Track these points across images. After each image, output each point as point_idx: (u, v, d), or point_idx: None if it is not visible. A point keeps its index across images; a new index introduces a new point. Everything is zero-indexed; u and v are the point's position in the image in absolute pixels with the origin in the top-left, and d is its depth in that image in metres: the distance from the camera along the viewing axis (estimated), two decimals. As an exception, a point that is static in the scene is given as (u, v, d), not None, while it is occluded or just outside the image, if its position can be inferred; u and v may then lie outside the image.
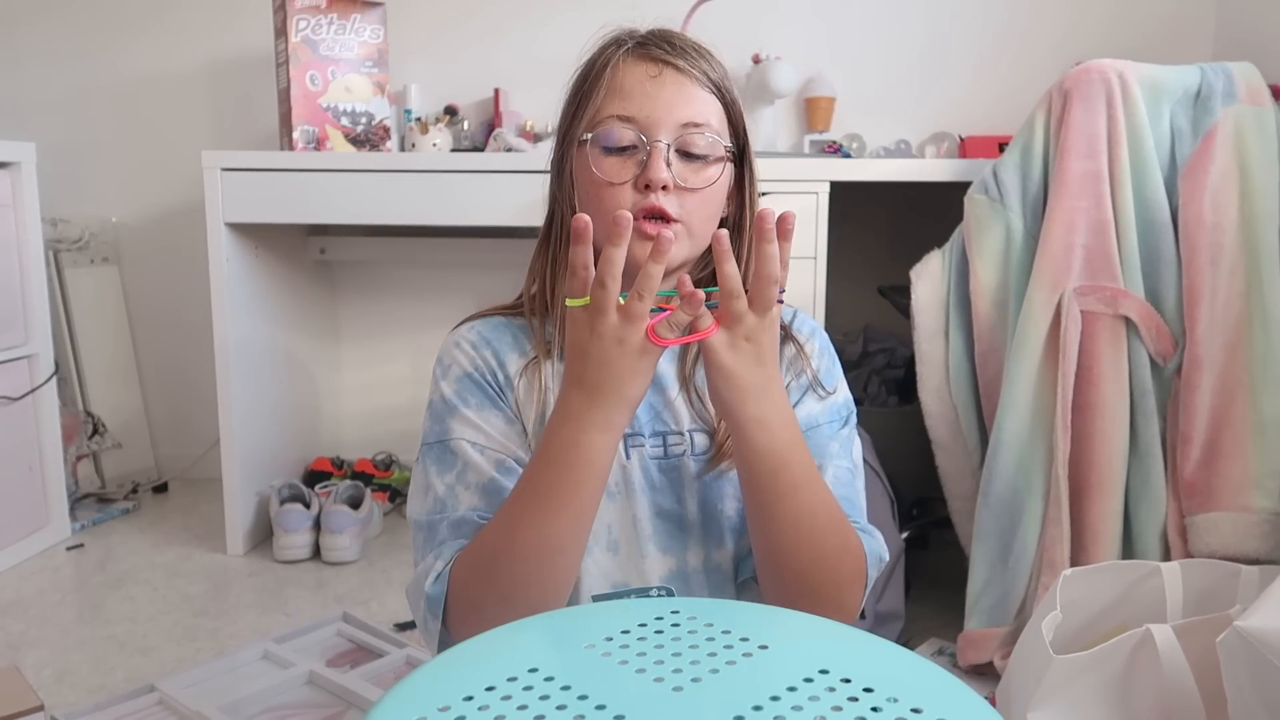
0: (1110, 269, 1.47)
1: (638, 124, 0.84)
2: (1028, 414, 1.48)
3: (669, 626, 0.63)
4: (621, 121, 0.84)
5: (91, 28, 2.49)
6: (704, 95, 0.86)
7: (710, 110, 0.86)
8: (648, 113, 0.84)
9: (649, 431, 0.88)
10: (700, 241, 0.88)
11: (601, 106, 0.85)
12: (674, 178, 0.84)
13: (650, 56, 0.86)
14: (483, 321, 0.93)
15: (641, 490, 0.87)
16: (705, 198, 0.86)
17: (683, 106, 0.85)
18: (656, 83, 0.85)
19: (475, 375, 0.89)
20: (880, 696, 0.53)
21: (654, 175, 0.83)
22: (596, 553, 0.86)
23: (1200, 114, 1.51)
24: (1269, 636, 0.88)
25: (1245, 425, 1.42)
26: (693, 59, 0.86)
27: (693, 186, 0.85)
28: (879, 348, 2.21)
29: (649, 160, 0.83)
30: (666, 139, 0.84)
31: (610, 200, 0.84)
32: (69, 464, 2.24)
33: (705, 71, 0.86)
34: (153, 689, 1.42)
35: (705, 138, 0.85)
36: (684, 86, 0.85)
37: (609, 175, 0.84)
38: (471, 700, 0.54)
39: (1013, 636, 1.46)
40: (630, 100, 0.84)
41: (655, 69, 0.85)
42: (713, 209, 0.88)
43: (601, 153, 0.85)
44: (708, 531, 0.88)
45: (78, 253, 2.44)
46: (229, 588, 1.89)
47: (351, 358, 2.54)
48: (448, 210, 1.94)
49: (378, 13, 2.10)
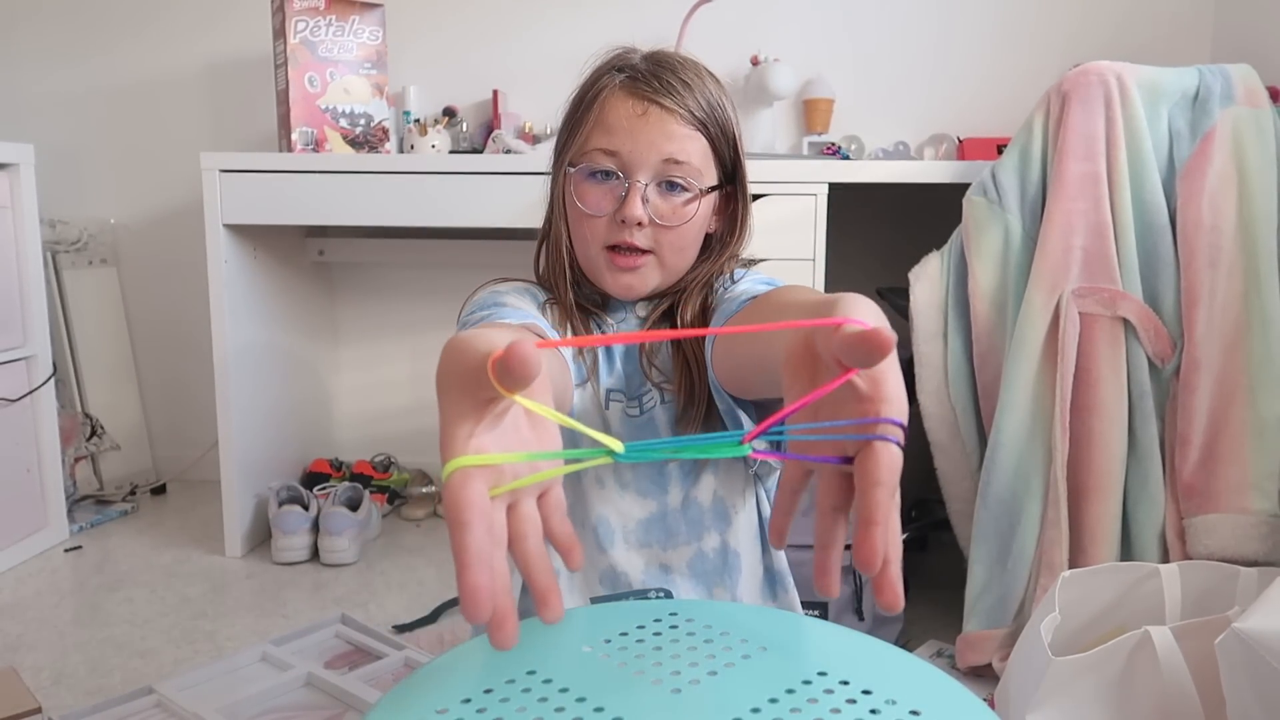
0: (1109, 271, 1.47)
1: (620, 159, 0.88)
2: (1026, 416, 1.48)
3: (667, 628, 0.63)
4: (605, 155, 0.89)
5: (90, 29, 2.49)
6: (687, 132, 0.89)
7: (692, 148, 0.89)
8: (629, 148, 0.88)
9: (630, 394, 0.94)
10: (672, 270, 0.93)
11: (588, 138, 0.90)
12: (649, 215, 0.89)
13: (637, 94, 0.89)
14: (505, 284, 0.98)
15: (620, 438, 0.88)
16: (679, 232, 0.90)
17: (664, 143, 0.88)
18: (641, 120, 0.88)
19: (513, 292, 0.93)
20: (879, 699, 0.53)
21: (629, 212, 0.88)
22: (585, 484, 0.91)
23: (1198, 116, 1.52)
24: (1267, 638, 0.88)
25: (1244, 427, 1.42)
26: (679, 96, 0.89)
27: (667, 224, 0.89)
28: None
29: (626, 197, 0.88)
30: (645, 177, 0.88)
31: (588, 229, 0.90)
32: (67, 466, 2.24)
33: (691, 109, 0.89)
34: (151, 691, 1.42)
35: (684, 178, 0.89)
36: (666, 124, 0.88)
37: (589, 207, 0.90)
38: (470, 703, 0.54)
39: (1011, 638, 1.46)
40: (614, 135, 0.88)
41: (641, 107, 0.88)
42: (687, 240, 0.92)
43: (585, 183, 0.90)
44: (685, 471, 0.92)
45: (76, 254, 2.44)
46: (227, 590, 1.89)
47: (350, 359, 2.54)
48: (446, 212, 1.94)
49: (376, 14, 2.10)
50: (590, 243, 0.91)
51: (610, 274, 0.91)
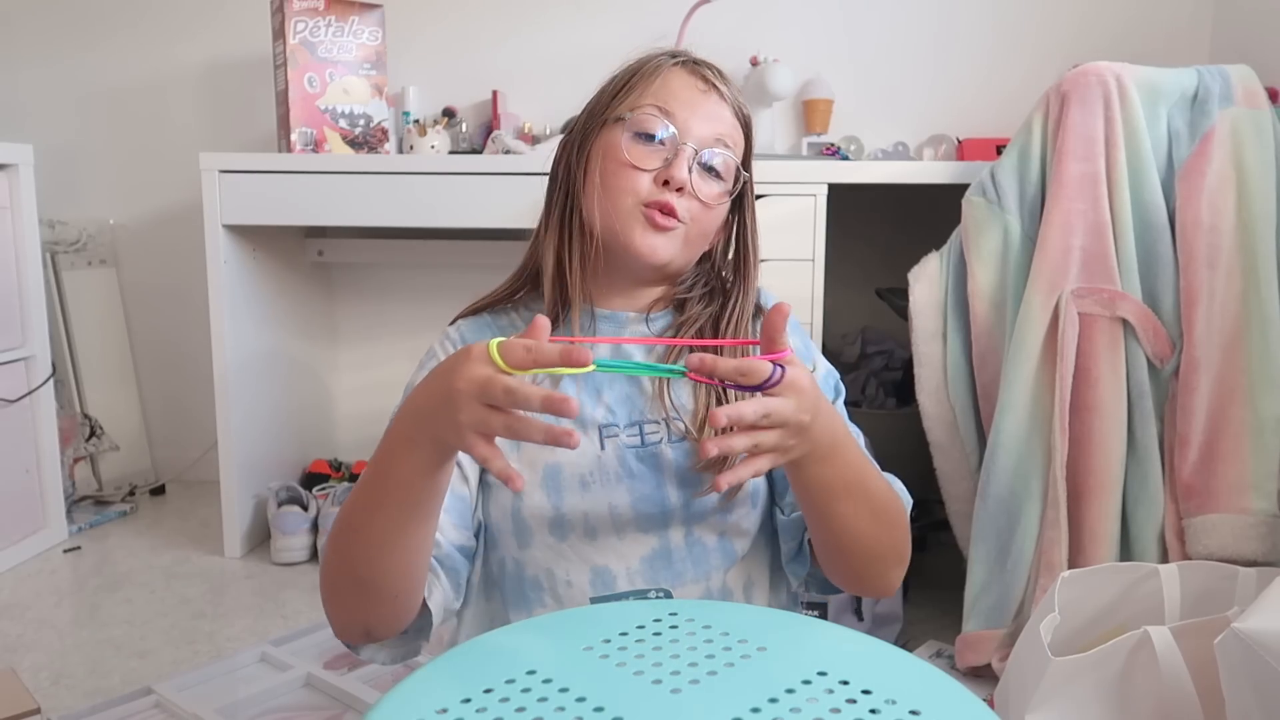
0: (1108, 271, 1.47)
1: (675, 120, 0.88)
2: (1025, 416, 1.48)
3: (667, 628, 0.63)
4: (661, 113, 0.88)
5: (89, 30, 2.49)
6: (735, 123, 0.92)
7: (738, 138, 0.92)
8: (686, 116, 0.89)
9: (625, 422, 0.89)
10: (692, 249, 0.92)
11: (646, 96, 0.90)
12: (691, 185, 0.88)
13: (701, 74, 0.91)
14: (468, 322, 0.97)
15: (618, 479, 0.88)
16: (710, 213, 0.91)
17: (718, 123, 0.90)
18: (703, 96, 0.90)
19: None
20: (879, 698, 0.53)
21: (677, 173, 0.87)
22: (574, 539, 0.88)
23: (1197, 116, 1.52)
24: (1267, 638, 0.88)
25: (1243, 427, 1.42)
26: (734, 91, 0.93)
27: (704, 199, 0.89)
28: (877, 350, 2.21)
29: (675, 159, 0.88)
30: (695, 145, 0.88)
31: (629, 182, 0.88)
32: (66, 466, 2.24)
33: (740, 106, 0.93)
34: (150, 692, 1.42)
35: (728, 157, 0.90)
36: (723, 110, 0.91)
37: (635, 160, 0.88)
38: (469, 703, 0.54)
39: (1011, 638, 1.46)
40: (674, 101, 0.89)
41: (704, 85, 0.90)
42: (710, 226, 0.93)
43: (633, 138, 0.89)
44: (690, 512, 0.89)
45: (75, 255, 2.44)
46: (226, 590, 1.89)
47: (349, 360, 2.54)
48: (446, 212, 1.94)
49: (376, 15, 2.10)
50: (626, 195, 0.88)
51: (642, 230, 0.88)
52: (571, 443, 0.63)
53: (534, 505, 0.87)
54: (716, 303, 0.95)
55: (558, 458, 0.87)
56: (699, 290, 0.96)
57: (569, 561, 0.88)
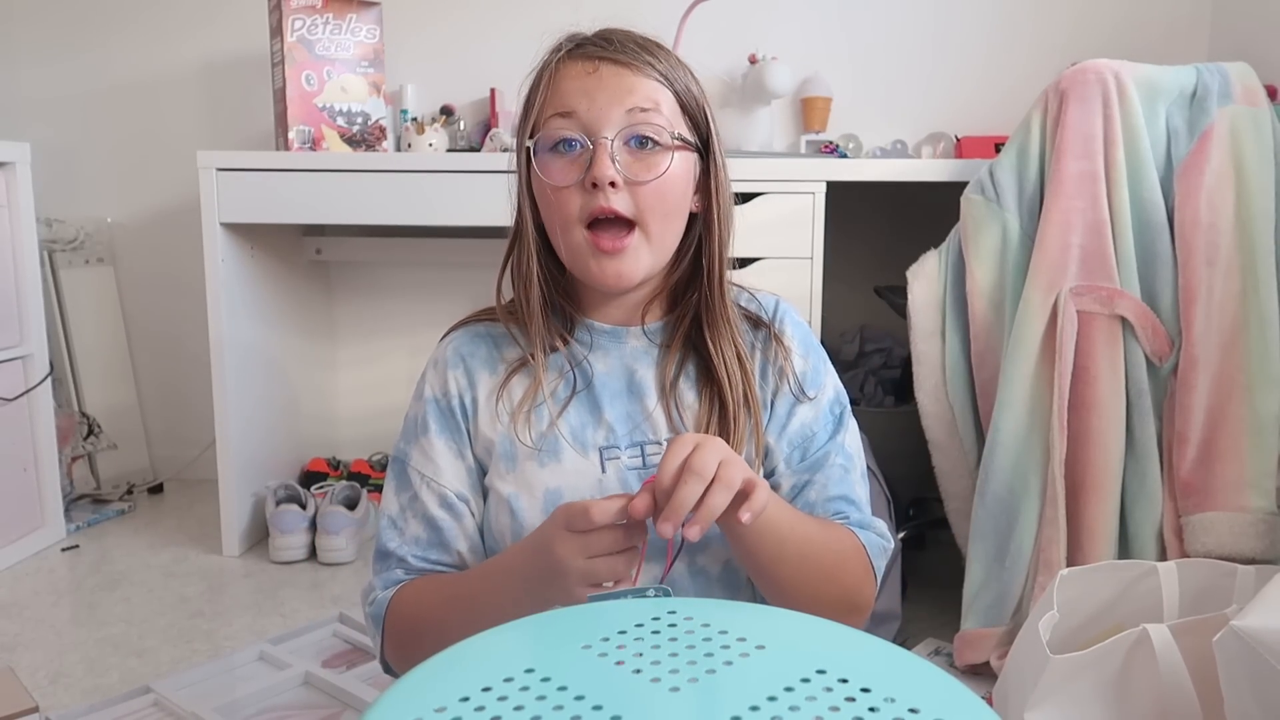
0: (1106, 269, 1.47)
1: (579, 119, 0.81)
2: (1024, 414, 1.48)
3: (666, 626, 0.63)
4: (561, 119, 0.82)
5: (86, 27, 2.49)
6: (648, 83, 0.83)
7: (659, 97, 0.83)
8: (586, 107, 0.81)
9: (626, 443, 0.88)
10: (661, 245, 0.85)
11: (542, 110, 0.84)
12: (622, 173, 0.81)
13: (585, 55, 0.84)
14: (463, 334, 0.94)
15: None
16: (659, 191, 0.83)
17: (624, 95, 0.81)
18: (594, 78, 0.82)
19: (441, 401, 0.91)
20: (877, 697, 0.53)
21: (598, 172, 0.80)
22: None
23: (1196, 114, 1.52)
24: (1265, 636, 0.88)
25: (1241, 425, 1.42)
26: (634, 52, 0.83)
27: (642, 179, 0.82)
28: (875, 348, 2.21)
29: (594, 157, 0.81)
30: (609, 132, 0.81)
31: (564, 207, 0.83)
32: (64, 465, 2.23)
33: (649, 62, 0.83)
34: (148, 690, 1.41)
35: (652, 124, 0.82)
36: (623, 77, 0.82)
37: (558, 179, 0.82)
38: (468, 701, 0.54)
39: (1009, 636, 1.46)
40: (568, 98, 0.82)
41: (591, 65, 0.83)
42: (670, 204, 0.84)
43: (547, 156, 0.83)
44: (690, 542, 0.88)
45: (73, 253, 2.44)
46: (225, 589, 1.88)
47: (348, 358, 2.54)
48: (444, 210, 1.94)
49: (373, 13, 2.10)
50: (568, 224, 0.83)
51: (595, 261, 0.83)
52: None
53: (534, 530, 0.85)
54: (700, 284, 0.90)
55: (558, 482, 0.86)
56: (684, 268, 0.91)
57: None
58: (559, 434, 0.87)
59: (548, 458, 0.87)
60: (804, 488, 0.89)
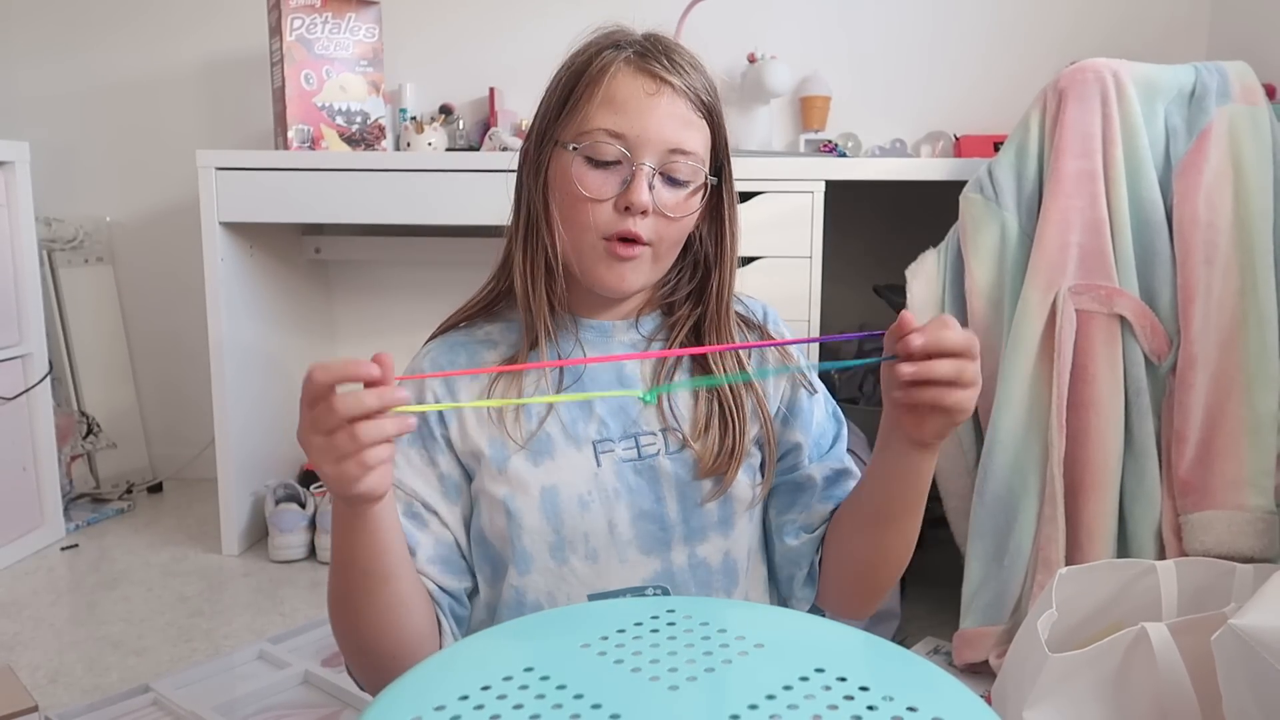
0: (1105, 268, 1.48)
1: (627, 141, 0.82)
2: (1023, 412, 1.48)
3: (665, 625, 0.63)
4: (611, 137, 0.82)
5: (85, 27, 2.48)
6: (696, 120, 0.84)
7: (699, 139, 0.85)
8: (638, 132, 0.82)
9: (619, 435, 0.87)
10: (664, 264, 0.88)
11: (592, 116, 0.83)
12: (654, 203, 0.82)
13: (649, 71, 0.83)
14: (440, 344, 0.92)
15: (616, 495, 0.86)
16: (679, 226, 0.85)
17: (674, 131, 0.83)
18: (652, 100, 0.82)
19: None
20: (876, 695, 0.53)
21: (636, 199, 0.81)
22: (574, 563, 0.85)
23: (1195, 113, 1.52)
24: (1263, 634, 0.88)
25: (1239, 423, 1.42)
26: (689, 77, 0.84)
27: (671, 215, 0.84)
28: (874, 347, 2.21)
29: (632, 182, 0.82)
30: (652, 162, 0.82)
31: (587, 215, 0.83)
32: (63, 464, 2.23)
33: (699, 93, 0.84)
34: (147, 689, 1.42)
35: (690, 165, 0.84)
36: (678, 109, 0.83)
37: (591, 191, 0.82)
38: (467, 699, 0.54)
39: (1008, 635, 1.46)
40: (623, 115, 0.82)
41: (653, 86, 0.83)
42: (681, 234, 0.87)
43: (585, 165, 0.83)
44: (690, 528, 0.87)
45: (72, 252, 2.43)
46: (224, 588, 1.88)
47: (347, 356, 2.54)
48: (443, 209, 1.94)
49: (372, 12, 2.10)
50: (588, 230, 0.84)
51: (606, 265, 0.84)
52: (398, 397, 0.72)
53: (533, 530, 0.85)
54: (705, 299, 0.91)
55: (554, 479, 0.85)
56: (684, 288, 0.93)
57: (570, 586, 0.86)
58: (550, 430, 0.87)
59: (541, 455, 0.86)
60: (838, 477, 0.91)
